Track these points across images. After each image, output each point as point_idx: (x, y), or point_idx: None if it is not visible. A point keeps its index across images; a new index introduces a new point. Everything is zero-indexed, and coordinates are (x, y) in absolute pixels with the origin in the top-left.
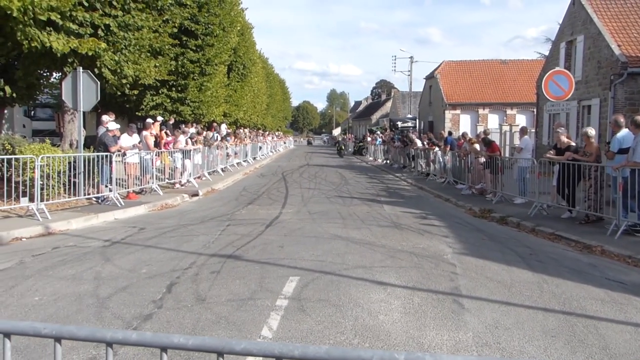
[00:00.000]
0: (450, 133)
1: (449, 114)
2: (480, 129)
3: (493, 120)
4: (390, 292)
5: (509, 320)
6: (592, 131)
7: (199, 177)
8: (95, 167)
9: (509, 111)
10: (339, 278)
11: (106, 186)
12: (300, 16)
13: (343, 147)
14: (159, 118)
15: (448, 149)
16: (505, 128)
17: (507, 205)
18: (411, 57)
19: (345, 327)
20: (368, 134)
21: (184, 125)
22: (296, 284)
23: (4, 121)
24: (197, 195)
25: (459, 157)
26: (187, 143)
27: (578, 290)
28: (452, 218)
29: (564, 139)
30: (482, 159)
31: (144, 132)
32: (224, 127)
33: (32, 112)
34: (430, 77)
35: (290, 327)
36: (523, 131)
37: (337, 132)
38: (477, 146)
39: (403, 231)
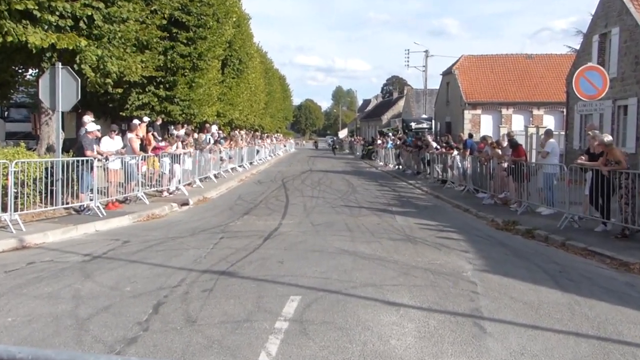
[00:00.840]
0: (470, 135)
1: (468, 114)
2: (503, 130)
3: (518, 122)
4: (404, 314)
5: (536, 347)
6: (609, 137)
7: (189, 184)
8: (75, 174)
9: (535, 111)
10: (345, 298)
11: (86, 194)
12: (302, 5)
13: (337, 147)
14: (146, 119)
15: (468, 153)
16: (532, 130)
17: (534, 217)
18: (426, 51)
19: (353, 353)
20: (378, 136)
21: (173, 127)
22: (298, 304)
23: None
24: (187, 204)
25: (480, 163)
26: (177, 146)
27: (614, 313)
28: (473, 231)
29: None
30: (506, 164)
31: (129, 135)
32: (214, 128)
33: (6, 113)
34: (448, 73)
35: (291, 353)
36: (548, 134)
37: (343, 133)
38: (500, 150)
39: (417, 245)
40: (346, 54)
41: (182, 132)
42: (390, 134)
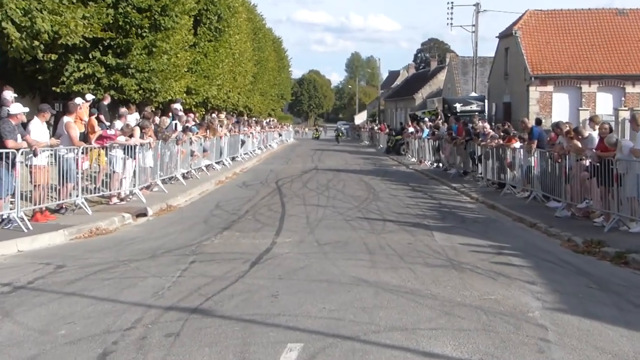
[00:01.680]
0: (538, 121)
1: (535, 92)
2: (584, 115)
3: (604, 102)
4: None
5: None
6: None
7: (147, 187)
8: None
9: (629, 88)
10: (364, 346)
11: (6, 201)
12: None
13: (341, 134)
14: (89, 96)
15: (534, 145)
16: (624, 114)
17: (627, 235)
18: (477, 5)
19: None
20: (409, 122)
21: (123, 108)
22: (298, 354)
23: None
24: (144, 214)
25: (552, 159)
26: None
27: None
28: (541, 254)
29: None
30: (588, 162)
31: (66, 118)
32: (178, 106)
33: None
34: (507, 36)
35: None
36: (635, 120)
37: (361, 118)
38: (580, 142)
39: (464, 273)
40: (366, 9)
41: (132, 115)
42: (427, 119)
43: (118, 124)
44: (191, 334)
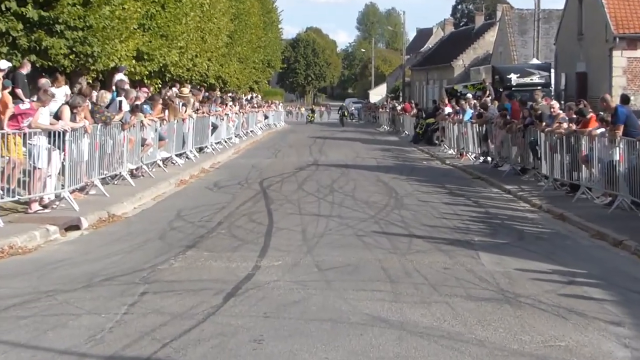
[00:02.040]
0: (625, 99)
1: (620, 59)
2: None
3: None
4: None
5: None
6: None
7: (82, 190)
8: None
9: None
10: None
11: None
12: None
13: (347, 115)
14: (3, 64)
15: (620, 132)
16: None
17: None
18: None
19: None
20: (445, 100)
21: (44, 79)
22: None
23: None
24: (77, 227)
25: None
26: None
27: None
28: (630, 283)
29: None
30: None
31: None
32: (121, 77)
33: None
34: None
35: None
36: None
37: (379, 94)
38: None
39: (523, 310)
40: None
41: (60, 89)
42: (470, 96)
43: (67, 111)
44: None
